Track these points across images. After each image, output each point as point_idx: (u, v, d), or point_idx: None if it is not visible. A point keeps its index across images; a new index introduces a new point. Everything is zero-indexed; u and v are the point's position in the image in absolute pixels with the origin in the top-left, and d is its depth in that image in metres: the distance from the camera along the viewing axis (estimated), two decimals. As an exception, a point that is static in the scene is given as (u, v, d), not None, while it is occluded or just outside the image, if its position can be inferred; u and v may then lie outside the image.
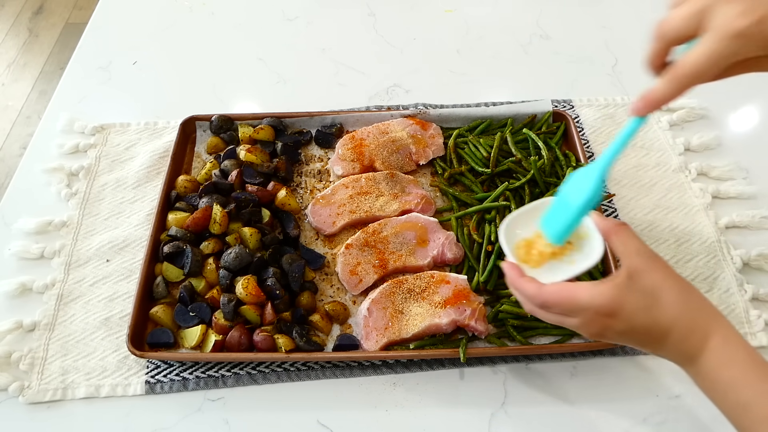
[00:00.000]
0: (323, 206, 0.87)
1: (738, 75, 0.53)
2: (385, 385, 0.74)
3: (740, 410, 0.51)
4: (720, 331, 0.52)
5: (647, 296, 0.53)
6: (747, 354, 0.51)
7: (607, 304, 0.53)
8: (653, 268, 0.54)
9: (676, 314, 0.53)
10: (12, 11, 2.93)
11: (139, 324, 0.75)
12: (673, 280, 0.54)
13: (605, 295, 0.53)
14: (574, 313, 0.56)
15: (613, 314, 0.53)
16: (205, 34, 1.21)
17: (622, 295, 0.53)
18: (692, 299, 0.54)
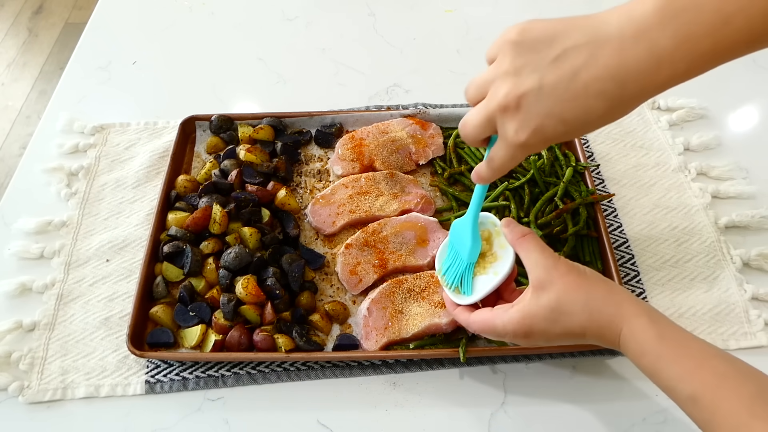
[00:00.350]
0: (323, 206, 0.87)
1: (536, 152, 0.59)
2: (385, 385, 0.74)
3: (668, 392, 0.53)
4: (625, 328, 0.55)
5: (552, 311, 0.57)
6: (655, 339, 0.53)
7: (519, 328, 0.58)
8: (553, 279, 0.57)
9: (582, 320, 0.56)
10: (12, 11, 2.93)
11: (138, 324, 0.75)
12: (574, 287, 0.57)
13: (515, 320, 0.58)
14: (500, 336, 0.61)
15: (528, 334, 0.58)
16: (204, 34, 1.21)
17: (529, 316, 0.58)
18: (593, 300, 0.56)
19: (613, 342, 0.56)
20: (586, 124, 0.50)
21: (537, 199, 0.84)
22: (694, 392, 0.49)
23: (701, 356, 0.51)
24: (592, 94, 0.47)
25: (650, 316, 0.55)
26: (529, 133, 0.50)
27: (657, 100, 1.04)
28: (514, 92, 0.49)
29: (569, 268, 0.58)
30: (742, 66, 1.10)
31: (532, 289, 0.58)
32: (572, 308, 0.56)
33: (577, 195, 0.84)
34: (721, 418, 0.47)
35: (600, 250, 0.81)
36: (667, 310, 0.78)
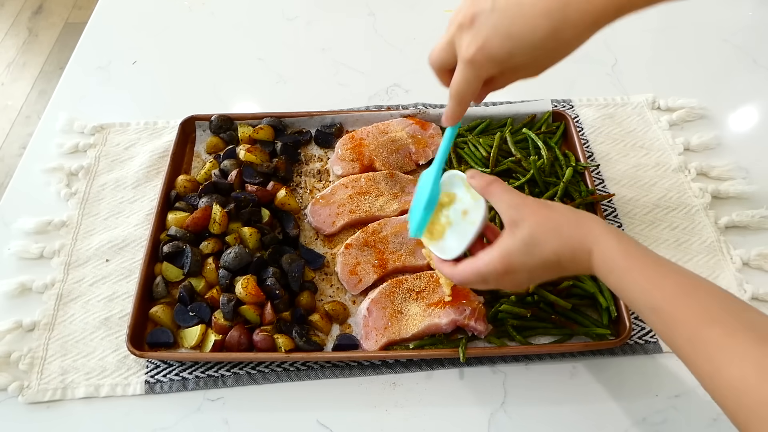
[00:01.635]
0: (323, 206, 0.87)
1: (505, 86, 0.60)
2: (384, 385, 0.74)
3: (632, 305, 0.56)
4: (595, 247, 0.57)
5: (527, 245, 0.59)
6: (621, 257, 0.56)
7: (500, 266, 0.60)
8: (525, 216, 0.60)
9: (556, 247, 0.58)
10: (11, 11, 2.93)
11: (138, 324, 0.75)
12: (544, 218, 0.60)
13: (495, 259, 0.61)
14: (484, 281, 0.63)
15: (510, 271, 0.60)
16: (204, 34, 1.21)
17: (507, 253, 0.60)
18: (562, 227, 0.59)
19: (585, 263, 0.58)
20: (532, 44, 0.53)
21: (537, 199, 0.84)
22: (655, 304, 0.52)
23: (663, 271, 0.54)
24: (538, 13, 0.51)
25: (617, 236, 0.57)
26: (477, 47, 0.53)
27: (657, 100, 1.03)
28: (470, 11, 0.54)
29: (538, 203, 0.62)
30: (742, 66, 1.11)
31: (507, 229, 0.61)
32: (545, 238, 0.59)
33: (577, 195, 0.84)
34: (678, 327, 0.50)
35: (600, 250, 0.81)
36: (667, 310, 0.78)
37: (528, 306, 0.76)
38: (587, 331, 0.75)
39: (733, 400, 0.46)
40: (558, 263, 0.59)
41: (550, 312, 0.76)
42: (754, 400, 0.44)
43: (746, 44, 1.14)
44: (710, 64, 1.12)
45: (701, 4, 1.23)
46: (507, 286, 0.66)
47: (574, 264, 0.59)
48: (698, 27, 1.18)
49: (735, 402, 0.46)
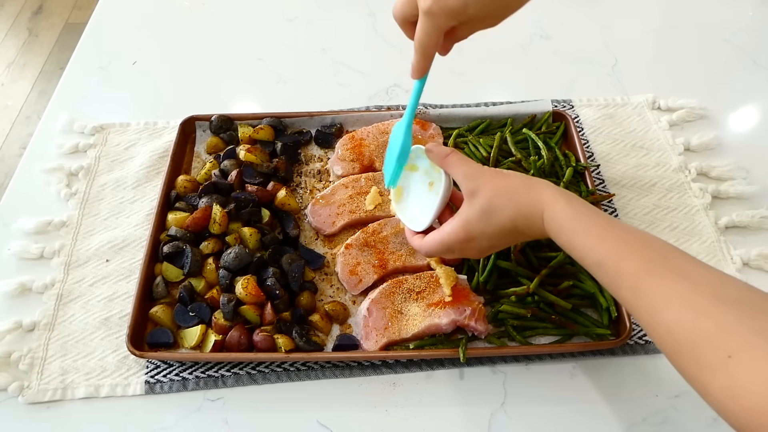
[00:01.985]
0: (323, 206, 0.87)
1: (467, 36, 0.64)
2: (385, 385, 0.74)
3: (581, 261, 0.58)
4: (546, 210, 0.60)
5: (484, 213, 0.63)
6: (570, 217, 0.59)
7: (462, 234, 0.64)
8: (481, 185, 0.63)
9: (511, 213, 0.62)
10: (12, 11, 2.93)
11: (138, 324, 0.75)
12: (499, 186, 0.63)
13: (456, 229, 0.65)
14: (450, 250, 0.67)
15: (471, 239, 0.64)
16: (205, 34, 1.21)
17: (467, 221, 0.64)
18: (516, 194, 0.62)
19: (538, 226, 0.61)
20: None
21: (537, 199, 0.84)
22: (601, 258, 0.55)
23: (608, 228, 0.56)
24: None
25: (567, 198, 0.60)
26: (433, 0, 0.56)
27: (657, 100, 1.04)
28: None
29: (493, 172, 0.65)
30: (742, 66, 1.12)
31: (466, 199, 0.65)
32: (500, 205, 0.62)
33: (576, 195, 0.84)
34: (622, 279, 0.53)
35: (600, 251, 0.81)
36: (667, 310, 0.78)
37: (528, 306, 0.76)
38: (587, 331, 0.75)
39: (670, 342, 0.49)
40: (515, 228, 0.62)
41: (550, 312, 0.76)
42: (687, 340, 0.47)
43: (746, 44, 1.14)
44: (710, 64, 1.12)
45: (701, 4, 1.23)
46: (471, 254, 0.68)
47: (530, 228, 0.62)
48: (698, 27, 1.18)
49: (671, 343, 0.49)
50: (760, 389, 0.42)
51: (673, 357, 0.50)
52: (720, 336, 0.46)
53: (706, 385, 0.46)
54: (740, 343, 0.44)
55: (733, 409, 0.44)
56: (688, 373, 0.49)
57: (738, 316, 0.46)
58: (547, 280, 0.77)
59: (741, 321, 0.45)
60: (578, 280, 0.78)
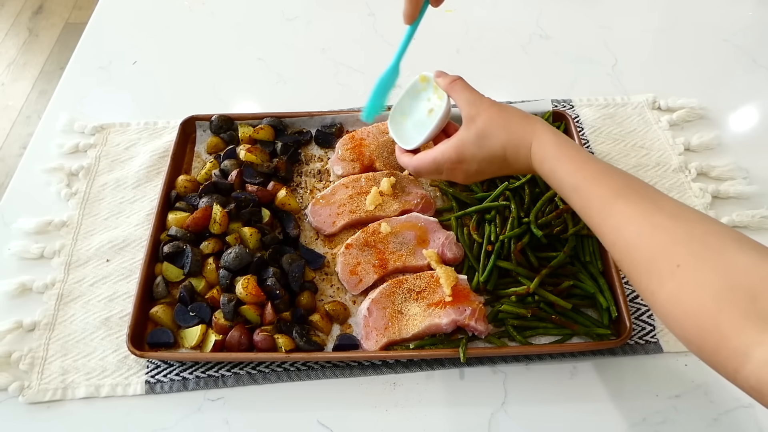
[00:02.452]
0: (323, 206, 0.87)
1: None
2: (385, 385, 0.74)
3: (558, 189, 0.63)
4: (534, 140, 0.65)
5: (479, 137, 0.67)
6: (554, 147, 0.63)
7: (453, 155, 0.69)
8: (480, 111, 0.68)
9: (503, 140, 0.66)
10: (12, 11, 2.93)
11: (139, 324, 0.75)
12: (498, 114, 0.67)
13: (449, 149, 0.69)
14: (438, 170, 0.71)
15: (461, 160, 0.68)
16: (204, 34, 1.21)
17: (461, 142, 0.68)
18: (510, 123, 0.66)
19: (525, 158, 0.65)
20: None
21: (537, 199, 0.84)
22: (577, 183, 0.60)
23: (588, 160, 0.61)
24: None
25: (554, 132, 0.65)
26: None
27: (657, 100, 1.04)
28: None
29: (492, 102, 0.69)
30: (742, 66, 1.12)
31: (464, 123, 0.69)
32: (494, 131, 0.66)
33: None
34: (593, 201, 0.58)
35: (600, 250, 0.81)
36: (668, 310, 0.78)
37: (528, 306, 0.76)
38: (587, 331, 0.75)
39: (628, 257, 0.53)
40: (504, 157, 0.67)
41: (550, 312, 0.76)
42: (643, 252, 0.52)
43: (746, 44, 1.14)
44: (710, 64, 1.12)
45: (701, 4, 1.23)
46: (458, 177, 0.71)
47: (517, 158, 0.66)
48: (698, 27, 1.18)
49: (629, 258, 0.53)
50: (703, 294, 0.46)
51: (630, 273, 0.53)
52: (672, 248, 0.50)
53: (654, 293, 0.50)
54: (689, 253, 0.49)
55: (676, 314, 0.48)
56: (641, 285, 0.52)
57: (691, 232, 0.50)
58: (547, 280, 0.77)
59: (693, 236, 0.50)
60: (578, 280, 0.78)
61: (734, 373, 0.44)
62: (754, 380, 0.42)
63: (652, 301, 0.51)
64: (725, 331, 0.44)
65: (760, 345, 0.42)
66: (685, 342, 0.49)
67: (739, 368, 0.43)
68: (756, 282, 0.44)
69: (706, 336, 0.46)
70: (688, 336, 0.48)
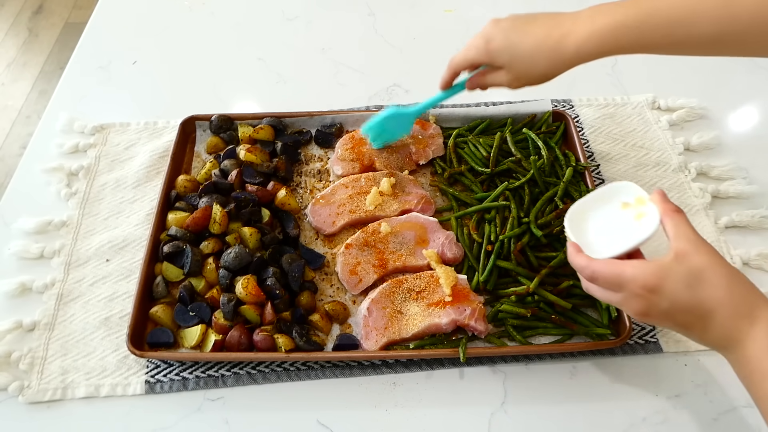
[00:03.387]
0: (323, 206, 0.87)
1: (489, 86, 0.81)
2: (385, 385, 0.74)
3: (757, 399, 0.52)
4: (763, 322, 0.52)
5: (692, 276, 0.54)
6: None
7: (651, 280, 0.55)
8: (701, 252, 0.55)
9: (720, 296, 0.53)
10: (12, 11, 2.93)
11: (138, 324, 0.75)
12: (721, 265, 0.55)
13: (649, 271, 0.55)
14: (619, 286, 0.57)
15: (656, 290, 0.55)
16: (204, 34, 1.21)
17: (666, 271, 0.55)
18: (739, 283, 0.54)
19: (738, 329, 0.53)
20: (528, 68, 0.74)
21: (537, 199, 0.84)
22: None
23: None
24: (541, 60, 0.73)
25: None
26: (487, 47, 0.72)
27: (657, 100, 1.04)
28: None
29: (717, 252, 0.56)
30: (742, 66, 1.11)
31: (674, 254, 0.55)
32: (714, 281, 0.54)
33: (577, 195, 0.84)
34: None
35: (600, 250, 0.81)
36: (667, 310, 0.78)
37: (528, 306, 0.76)
38: (587, 331, 0.75)
39: None
40: (707, 316, 0.54)
41: (550, 312, 0.76)
42: None
43: (746, 44, 1.14)
44: (710, 64, 1.11)
45: (701, 4, 1.23)
46: (635, 307, 0.57)
47: (724, 326, 0.53)
48: (698, 27, 1.18)
49: None
50: None
51: None
52: None
53: None
54: None
55: None
56: None
57: None
58: (547, 280, 0.77)
59: None
60: (578, 279, 0.78)
61: None
62: None
63: None
64: None
65: None
66: None
67: None
68: None
69: None
70: None
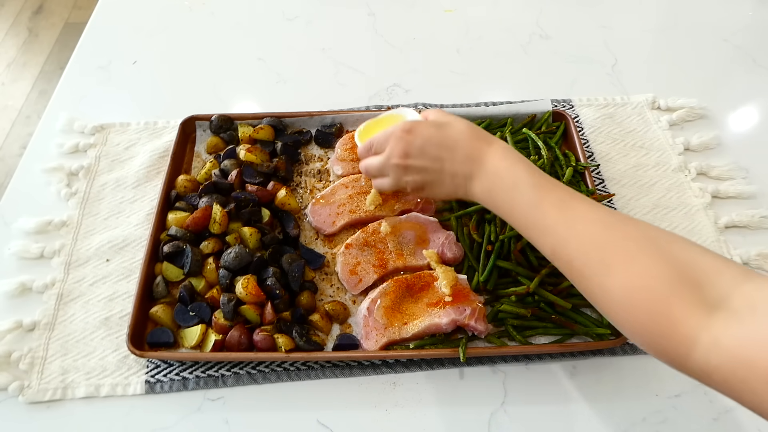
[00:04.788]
0: (323, 206, 0.87)
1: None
2: (385, 385, 0.74)
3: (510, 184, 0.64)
4: (498, 143, 0.67)
5: (438, 123, 0.70)
6: (514, 151, 0.67)
7: (407, 125, 0.70)
8: (447, 116, 0.71)
9: (462, 128, 0.68)
10: (12, 11, 2.93)
11: (138, 323, 0.75)
12: (460, 120, 0.70)
13: (405, 121, 0.72)
14: (386, 140, 0.71)
15: (411, 131, 0.69)
16: (204, 34, 1.21)
17: (418, 121, 0.71)
18: (475, 128, 0.69)
19: (479, 149, 0.66)
20: None
21: (537, 199, 0.84)
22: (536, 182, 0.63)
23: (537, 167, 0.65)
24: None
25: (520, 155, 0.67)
26: None
27: (657, 100, 1.04)
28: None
29: None
30: (742, 66, 1.12)
31: (424, 116, 0.74)
32: (456, 123, 0.69)
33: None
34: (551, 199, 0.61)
35: (600, 250, 0.81)
36: (667, 310, 0.78)
37: (528, 306, 0.76)
38: (587, 330, 0.75)
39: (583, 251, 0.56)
40: (453, 145, 0.67)
41: (550, 312, 0.76)
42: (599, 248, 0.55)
43: (746, 44, 1.14)
44: (710, 64, 1.12)
45: (701, 4, 1.23)
46: (396, 152, 0.70)
47: (468, 149, 0.66)
48: (698, 27, 1.18)
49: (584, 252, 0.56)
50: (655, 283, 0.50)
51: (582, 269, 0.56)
52: (625, 243, 0.54)
53: (604, 285, 0.53)
54: (640, 249, 0.53)
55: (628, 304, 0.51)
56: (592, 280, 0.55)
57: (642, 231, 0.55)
58: (547, 279, 0.77)
59: (644, 234, 0.54)
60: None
61: (684, 357, 0.47)
62: (702, 362, 0.46)
63: (601, 294, 0.54)
64: (676, 316, 0.48)
65: (706, 329, 0.46)
66: (632, 332, 0.52)
67: (689, 353, 0.47)
68: (700, 273, 0.49)
69: (657, 323, 0.49)
70: (637, 325, 0.51)
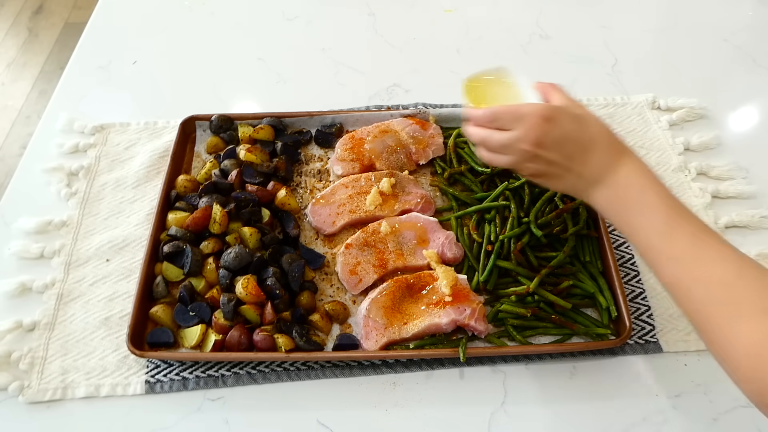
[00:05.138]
0: (323, 206, 0.87)
1: None
2: (385, 385, 0.74)
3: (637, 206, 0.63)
4: (633, 155, 0.65)
5: (576, 117, 0.66)
6: (649, 170, 0.64)
7: (548, 111, 0.64)
8: (580, 107, 0.68)
9: (600, 131, 0.66)
10: (12, 11, 2.93)
11: (138, 323, 0.75)
12: (595, 116, 0.67)
13: (545, 105, 0.66)
14: (518, 120, 0.65)
15: (551, 119, 0.64)
16: (204, 34, 1.21)
17: (558, 108, 0.66)
18: (611, 131, 0.67)
19: (613, 156, 0.64)
20: None
21: (537, 199, 0.84)
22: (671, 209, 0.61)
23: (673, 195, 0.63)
24: None
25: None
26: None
27: (657, 100, 1.04)
28: None
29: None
30: (742, 66, 1.12)
31: (560, 103, 0.68)
32: (593, 121, 0.66)
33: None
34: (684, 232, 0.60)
35: (600, 250, 0.81)
36: (668, 309, 0.78)
37: (528, 306, 0.76)
38: (587, 330, 0.75)
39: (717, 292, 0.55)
40: (590, 144, 0.64)
41: (550, 312, 0.76)
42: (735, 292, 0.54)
43: (746, 44, 1.14)
44: (710, 64, 1.12)
45: (701, 4, 1.23)
46: (530, 137, 0.64)
47: (603, 152, 0.64)
48: (698, 27, 1.18)
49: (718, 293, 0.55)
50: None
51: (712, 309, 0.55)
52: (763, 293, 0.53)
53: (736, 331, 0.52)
54: None
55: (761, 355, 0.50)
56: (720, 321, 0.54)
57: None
58: (547, 279, 0.77)
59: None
60: (578, 279, 0.78)
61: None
62: None
63: (723, 339, 0.53)
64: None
65: None
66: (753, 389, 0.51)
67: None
68: None
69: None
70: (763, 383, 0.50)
